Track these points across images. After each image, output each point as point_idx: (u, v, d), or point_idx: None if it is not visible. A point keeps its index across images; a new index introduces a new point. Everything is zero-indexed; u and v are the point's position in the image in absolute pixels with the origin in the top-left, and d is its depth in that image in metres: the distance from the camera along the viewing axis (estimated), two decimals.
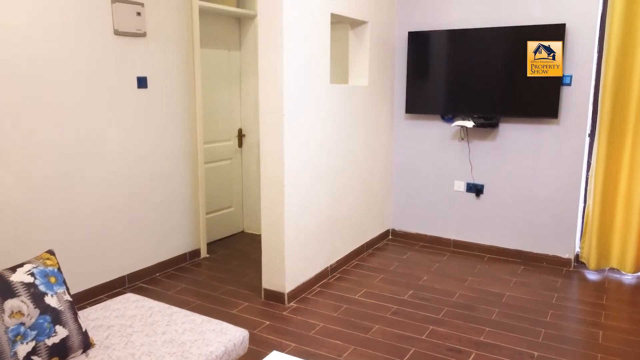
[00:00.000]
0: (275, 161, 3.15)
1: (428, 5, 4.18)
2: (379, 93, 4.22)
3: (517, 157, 4.00)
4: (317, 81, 3.38)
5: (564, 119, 3.78)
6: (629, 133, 3.59)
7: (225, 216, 4.61)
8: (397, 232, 4.64)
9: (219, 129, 4.43)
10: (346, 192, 3.89)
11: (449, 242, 4.38)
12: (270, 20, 3.03)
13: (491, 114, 3.99)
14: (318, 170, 3.50)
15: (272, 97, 3.10)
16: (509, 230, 4.12)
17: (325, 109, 3.51)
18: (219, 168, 4.47)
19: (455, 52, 4.06)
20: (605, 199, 3.70)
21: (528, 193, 4.00)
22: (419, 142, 4.41)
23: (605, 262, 3.80)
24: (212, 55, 4.29)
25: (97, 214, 3.30)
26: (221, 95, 4.41)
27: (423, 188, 4.45)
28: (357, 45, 4.02)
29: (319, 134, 3.47)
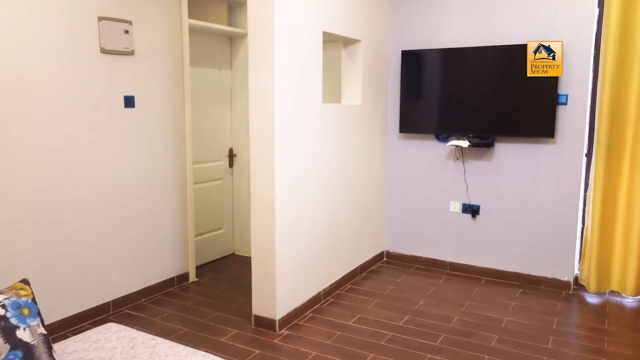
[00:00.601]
0: (265, 182, 3.05)
1: (422, 24, 4.15)
2: (373, 112, 4.15)
3: (513, 177, 3.92)
4: (309, 100, 3.30)
5: (560, 138, 3.72)
6: (626, 154, 3.53)
7: (215, 238, 4.49)
8: (392, 254, 4.53)
9: (209, 149, 4.33)
10: (339, 214, 3.79)
11: (445, 265, 4.27)
12: (261, 38, 2.96)
13: (486, 133, 3.92)
14: (310, 191, 3.40)
15: (263, 116, 3.01)
16: (506, 252, 4.02)
17: (318, 128, 3.43)
18: (209, 188, 4.36)
19: (450, 71, 4.01)
20: (604, 221, 3.62)
21: (525, 214, 3.91)
22: (414, 162, 4.33)
23: (606, 285, 3.71)
24: (203, 74, 4.21)
25: (80, 237, 3.17)
26: (212, 114, 4.32)
27: (418, 209, 4.36)
28: (349, 64, 3.96)
29: (311, 154, 3.38)
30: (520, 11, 3.75)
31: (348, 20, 3.66)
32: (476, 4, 3.90)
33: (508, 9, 3.79)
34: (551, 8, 3.63)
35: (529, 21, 3.72)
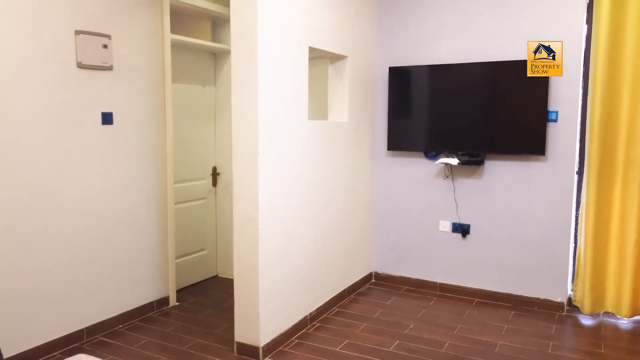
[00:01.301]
0: (249, 202, 2.92)
1: (409, 40, 4.09)
2: (360, 129, 4.06)
3: (504, 195, 3.84)
4: (295, 117, 3.20)
5: (551, 156, 3.65)
6: (618, 172, 3.46)
7: (197, 260, 4.32)
8: (381, 275, 4.40)
9: (192, 168, 4.20)
10: (327, 234, 3.66)
11: (435, 286, 4.15)
12: (245, 53, 2.86)
13: (476, 150, 3.84)
14: (296, 211, 3.27)
15: (246, 134, 2.90)
16: (498, 273, 3.91)
17: (304, 146, 3.32)
18: (191, 208, 4.21)
19: (438, 87, 3.95)
20: (598, 240, 3.53)
21: (516, 233, 3.82)
22: (402, 180, 4.23)
23: (600, 306, 3.61)
24: (186, 90, 4.09)
25: (55, 261, 2.99)
26: (194, 131, 4.19)
27: (407, 228, 4.25)
28: (336, 81, 3.88)
29: (297, 172, 3.26)
30: (508, 28, 3.71)
31: (334, 35, 3.58)
32: (464, 20, 3.86)
33: (496, 26, 3.75)
34: (539, 26, 3.60)
35: (517, 38, 3.67)
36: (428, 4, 3.98)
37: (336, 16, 3.59)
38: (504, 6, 3.71)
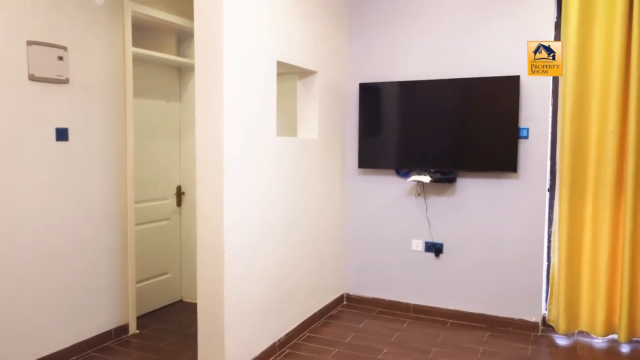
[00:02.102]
0: (213, 223, 2.76)
1: (380, 57, 4.03)
2: (330, 146, 3.96)
3: (476, 213, 3.78)
4: (263, 133, 3.07)
5: (523, 173, 3.61)
6: (589, 189, 3.44)
7: (160, 284, 4.10)
8: (352, 297, 4.26)
9: (155, 187, 4.00)
10: (296, 256, 3.51)
11: (409, 307, 4.04)
12: (209, 67, 2.73)
13: (448, 168, 3.78)
14: (264, 232, 3.12)
15: (211, 151, 2.75)
16: (472, 293, 3.83)
17: (272, 163, 3.18)
18: (154, 229, 4.01)
19: (409, 104, 3.89)
20: (571, 258, 3.49)
21: (490, 251, 3.75)
22: (374, 199, 4.13)
23: (575, 325, 3.55)
24: (149, 106, 3.92)
25: (1, 290, 2.76)
26: (158, 149, 4.01)
27: (379, 248, 4.14)
28: (305, 96, 3.77)
29: (265, 191, 3.12)
30: (478, 46, 3.69)
31: (304, 50, 3.49)
32: (434, 38, 3.83)
33: (467, 43, 3.73)
34: (510, 44, 3.59)
35: (488, 55, 3.66)
36: (398, 21, 3.94)
37: (306, 31, 3.50)
38: (474, 24, 3.70)
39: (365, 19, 4.06)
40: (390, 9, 3.97)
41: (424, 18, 3.86)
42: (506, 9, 3.60)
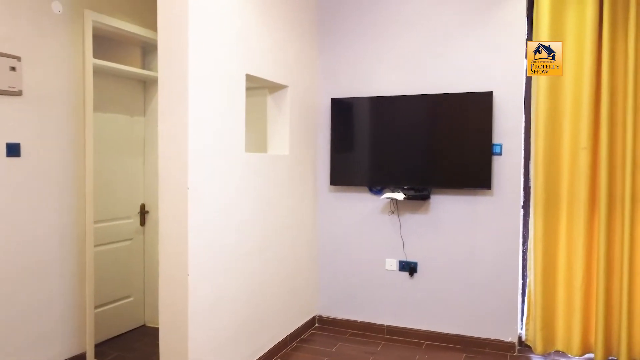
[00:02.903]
0: (177, 245, 2.59)
1: (352, 72, 3.95)
2: (302, 163, 3.84)
3: (451, 230, 3.70)
4: (231, 150, 2.93)
5: (497, 190, 3.56)
6: (563, 206, 3.41)
7: (122, 308, 3.87)
8: (325, 319, 4.11)
9: (117, 205, 3.80)
10: (266, 278, 3.36)
11: (383, 329, 3.91)
12: (173, 80, 2.58)
13: (422, 185, 3.71)
14: (232, 254, 2.96)
15: (174, 167, 2.59)
16: (447, 313, 3.73)
17: (241, 181, 3.04)
18: (115, 251, 3.79)
19: (382, 120, 3.81)
20: (546, 277, 3.44)
21: (465, 270, 3.67)
22: (346, 217, 4.02)
23: (551, 345, 3.49)
24: (111, 120, 3.73)
25: None
26: (120, 165, 3.81)
27: (352, 268, 4.01)
28: (276, 111, 3.66)
29: (233, 210, 2.97)
30: (451, 61, 3.65)
31: (274, 64, 3.38)
32: (407, 52, 3.78)
33: (439, 59, 3.69)
34: (482, 60, 3.57)
35: (460, 71, 3.62)
36: (370, 36, 3.88)
37: (276, 44, 3.40)
38: (446, 40, 3.66)
39: (337, 33, 3.99)
40: (361, 24, 3.91)
41: (395, 33, 3.81)
42: (478, 25, 3.58)
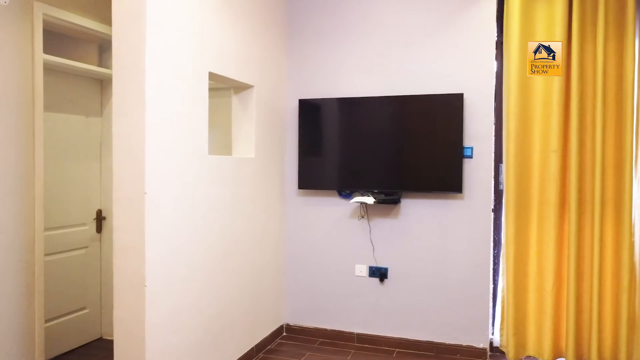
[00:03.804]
0: (134, 253, 2.41)
1: (320, 72, 3.84)
2: (268, 166, 3.69)
3: (422, 235, 3.62)
4: (193, 152, 2.76)
5: (468, 193, 3.50)
6: (534, 210, 3.38)
7: (76, 320, 3.63)
8: (293, 327, 3.97)
9: (71, 211, 3.56)
10: (231, 287, 3.20)
11: (352, 337, 3.79)
12: (129, 78, 2.40)
13: (392, 188, 3.62)
14: (193, 262, 2.79)
15: (131, 171, 2.41)
16: (418, 320, 3.65)
17: (203, 185, 2.87)
18: (69, 260, 3.55)
19: (351, 122, 3.70)
20: (518, 282, 3.39)
21: (436, 275, 3.60)
22: (315, 222, 3.89)
23: (523, 350, 3.44)
24: (64, 121, 3.51)
25: None
26: (75, 169, 3.59)
27: (321, 274, 3.88)
28: (241, 112, 3.50)
29: (195, 215, 2.80)
30: (422, 62, 3.58)
31: (239, 63, 3.23)
32: (376, 53, 3.69)
33: (410, 59, 3.61)
34: (452, 61, 3.51)
35: (431, 73, 3.56)
36: (339, 36, 3.78)
37: (241, 42, 3.25)
38: (416, 41, 3.59)
39: (305, 34, 3.87)
40: (330, 25, 3.80)
41: (365, 34, 3.71)
42: (448, 26, 3.52)
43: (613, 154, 3.24)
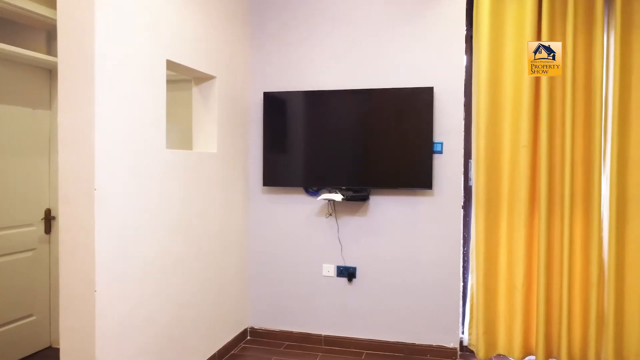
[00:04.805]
0: (82, 257, 2.20)
1: (286, 64, 3.68)
2: (232, 162, 3.51)
3: (391, 233, 3.52)
4: (148, 145, 2.56)
5: (438, 190, 3.42)
6: (504, 206, 3.33)
7: (23, 329, 3.36)
8: (257, 331, 3.80)
9: (16, 211, 3.29)
10: (190, 289, 3.01)
11: (320, 340, 3.66)
12: (77, 65, 2.19)
13: (361, 185, 3.50)
14: (149, 264, 2.60)
15: (79, 165, 2.20)
16: (388, 320, 3.54)
17: (161, 181, 2.68)
18: (13, 263, 3.28)
19: (318, 116, 3.56)
20: (488, 279, 3.33)
21: (405, 274, 3.50)
22: (281, 220, 3.73)
23: (493, 349, 3.38)
24: (9, 113, 3.23)
25: None
26: (21, 165, 3.32)
27: (287, 274, 3.73)
28: (203, 105, 3.31)
29: (151, 214, 2.60)
30: (390, 55, 3.48)
31: (200, 52, 3.04)
32: (345, 46, 3.56)
33: (378, 52, 3.50)
34: (421, 55, 3.42)
35: (400, 66, 3.46)
36: (305, 27, 3.63)
37: (202, 31, 3.06)
38: (385, 33, 3.48)
39: (270, 24, 3.71)
40: (297, 15, 3.65)
41: (332, 25, 3.58)
42: (417, 19, 3.43)
43: (582, 149, 3.21)
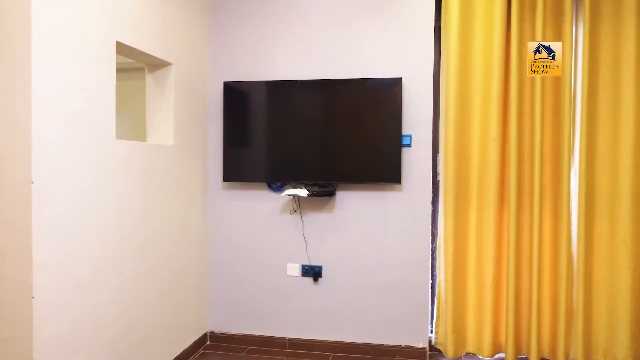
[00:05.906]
0: (17, 259, 1.95)
1: (248, 52, 3.48)
2: (189, 155, 3.29)
3: (358, 230, 3.38)
4: (95, 135, 2.32)
5: (407, 184, 3.31)
6: (473, 201, 3.25)
7: None
8: (217, 335, 3.59)
9: None
10: (144, 293, 2.77)
11: (284, 343, 3.48)
12: (10, 44, 1.94)
13: (327, 180, 3.34)
14: (97, 266, 2.35)
15: (13, 156, 1.95)
16: (355, 321, 3.40)
17: (110, 175, 2.44)
18: None
19: (282, 107, 3.39)
20: (457, 276, 3.24)
21: (373, 272, 3.37)
22: (242, 218, 3.53)
23: (463, 347, 3.30)
24: None
25: None
26: None
27: (249, 275, 3.54)
28: (157, 93, 3.07)
29: (98, 211, 2.36)
30: (357, 45, 3.34)
31: (155, 35, 2.81)
32: (310, 34, 3.39)
33: (345, 41, 3.35)
34: (389, 45, 3.29)
35: (368, 56, 3.32)
36: (269, 14, 3.44)
37: (157, 12, 2.83)
38: (351, 20, 3.34)
39: (231, 9, 3.50)
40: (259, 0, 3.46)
41: (296, 12, 3.41)
42: (385, 8, 3.30)
43: (551, 143, 3.17)
